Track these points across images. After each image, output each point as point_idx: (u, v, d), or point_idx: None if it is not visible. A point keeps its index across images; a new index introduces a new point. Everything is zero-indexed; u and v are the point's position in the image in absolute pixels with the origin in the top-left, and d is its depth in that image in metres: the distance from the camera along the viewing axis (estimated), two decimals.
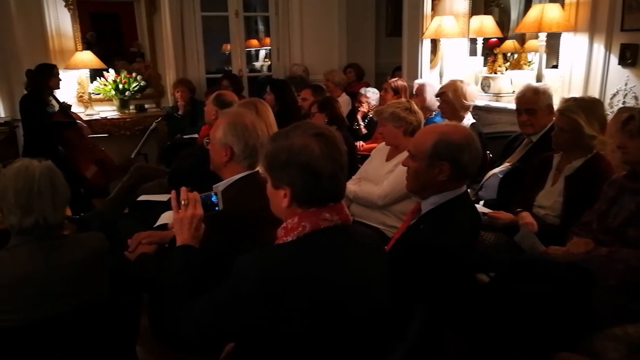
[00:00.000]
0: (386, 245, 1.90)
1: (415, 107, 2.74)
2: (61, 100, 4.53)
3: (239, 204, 1.76)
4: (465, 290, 1.82)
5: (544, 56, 3.65)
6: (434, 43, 4.85)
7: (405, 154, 2.43)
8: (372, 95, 4.67)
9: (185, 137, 4.95)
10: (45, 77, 4.28)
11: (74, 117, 4.55)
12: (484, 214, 2.40)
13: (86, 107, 5.27)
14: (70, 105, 4.69)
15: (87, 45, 5.31)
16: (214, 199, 1.62)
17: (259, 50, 7.49)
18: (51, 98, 4.44)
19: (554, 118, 2.63)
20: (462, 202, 1.78)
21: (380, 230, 2.67)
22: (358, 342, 1.30)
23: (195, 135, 4.76)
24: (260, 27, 7.59)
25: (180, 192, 1.53)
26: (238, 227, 1.75)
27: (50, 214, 1.60)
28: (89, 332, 1.68)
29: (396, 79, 4.59)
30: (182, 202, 1.52)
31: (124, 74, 5.27)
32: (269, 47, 6.59)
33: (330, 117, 3.48)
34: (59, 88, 4.46)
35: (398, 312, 1.45)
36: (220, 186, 1.90)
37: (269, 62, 6.78)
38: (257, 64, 7.42)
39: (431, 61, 4.91)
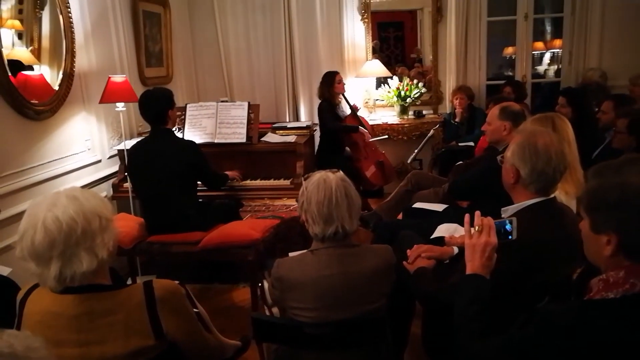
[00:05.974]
0: None
1: None
2: (352, 103, 4.97)
3: (531, 234, 1.61)
4: None
5: None
6: None
7: None
8: None
9: (460, 144, 4.89)
10: (329, 84, 4.75)
11: (362, 121, 4.94)
12: None
13: (370, 112, 5.70)
14: (359, 108, 5.10)
15: (371, 53, 5.70)
16: (508, 227, 1.51)
17: (543, 53, 6.89)
18: (341, 99, 4.89)
19: None
20: None
21: None
22: None
23: (471, 144, 4.65)
24: (548, 28, 6.97)
25: (475, 217, 1.47)
26: (529, 259, 1.62)
27: (347, 222, 1.72)
28: (364, 339, 1.76)
29: None
30: (476, 228, 1.46)
31: (406, 81, 5.49)
32: (557, 50, 5.98)
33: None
34: (343, 91, 4.87)
35: None
36: (509, 210, 1.79)
37: (556, 67, 6.16)
38: (540, 68, 6.83)
39: None
